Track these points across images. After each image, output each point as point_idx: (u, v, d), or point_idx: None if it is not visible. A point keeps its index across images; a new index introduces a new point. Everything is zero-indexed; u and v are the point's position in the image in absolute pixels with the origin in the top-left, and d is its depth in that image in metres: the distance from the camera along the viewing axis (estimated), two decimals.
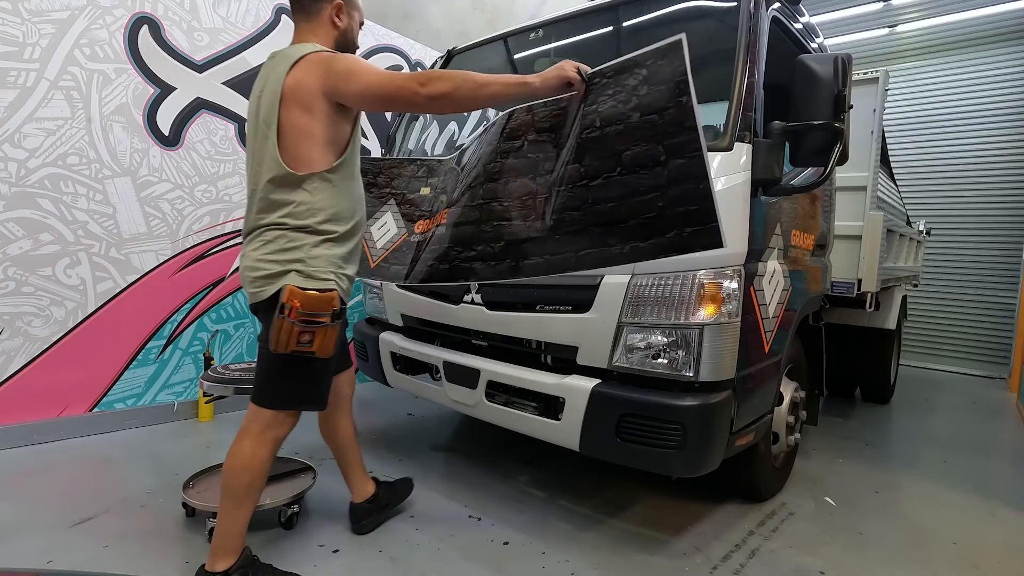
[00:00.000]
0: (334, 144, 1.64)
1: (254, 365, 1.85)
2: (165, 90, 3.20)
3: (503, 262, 1.81)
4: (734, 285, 1.89)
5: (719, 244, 1.45)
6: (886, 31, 6.63)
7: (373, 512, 2.17)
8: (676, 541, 2.19)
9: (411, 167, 2.44)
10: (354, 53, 1.81)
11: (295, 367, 1.63)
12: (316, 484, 2.32)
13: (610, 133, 1.59)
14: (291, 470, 2.41)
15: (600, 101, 1.63)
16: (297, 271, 1.60)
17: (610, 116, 1.60)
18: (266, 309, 1.62)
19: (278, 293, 1.57)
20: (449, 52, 3.18)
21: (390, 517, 2.24)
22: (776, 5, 2.28)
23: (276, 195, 1.61)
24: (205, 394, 3.19)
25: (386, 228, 2.38)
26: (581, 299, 2.04)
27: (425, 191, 2.32)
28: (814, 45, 2.76)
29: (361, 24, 1.94)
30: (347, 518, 2.19)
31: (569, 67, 1.65)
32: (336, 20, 1.75)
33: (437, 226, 2.07)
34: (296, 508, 2.16)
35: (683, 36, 1.48)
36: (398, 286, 2.75)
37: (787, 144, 2.09)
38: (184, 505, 2.16)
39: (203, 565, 1.67)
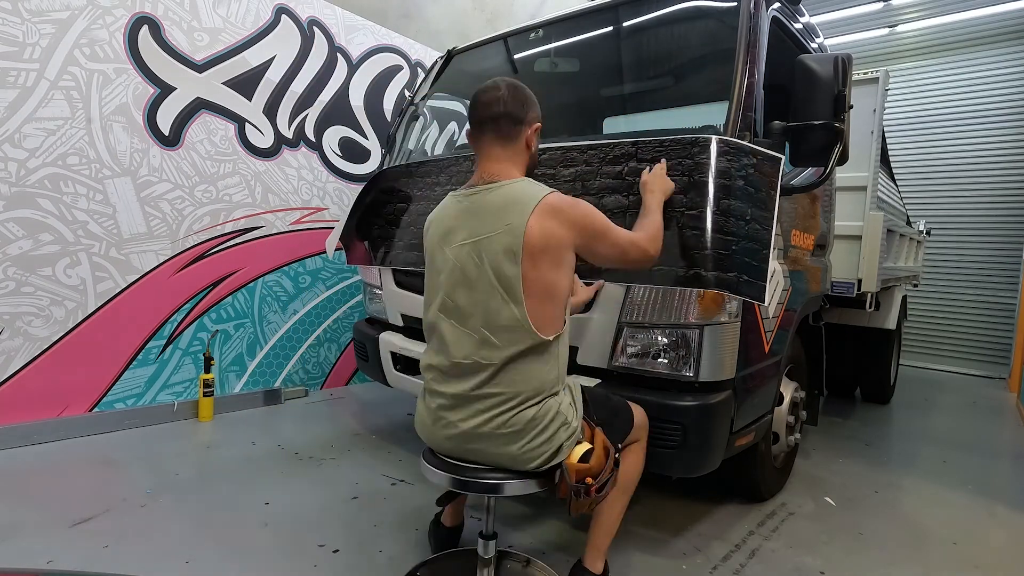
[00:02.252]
0: (567, 297, 1.50)
1: None
2: (165, 90, 3.20)
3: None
4: None
5: (761, 300, 1.69)
6: (886, 31, 6.63)
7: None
8: (676, 541, 2.19)
9: (467, 163, 2.46)
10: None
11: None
12: (316, 484, 2.26)
13: (717, 184, 1.82)
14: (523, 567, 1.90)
15: (711, 163, 1.83)
16: (567, 440, 1.46)
17: (720, 171, 1.82)
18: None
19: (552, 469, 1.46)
20: (449, 52, 3.18)
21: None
22: (776, 5, 2.28)
23: (521, 367, 1.41)
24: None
25: None
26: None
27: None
28: (814, 45, 2.75)
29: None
30: (347, 518, 2.19)
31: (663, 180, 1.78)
32: (531, 143, 1.57)
33: None
34: None
35: (784, 158, 1.87)
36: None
37: (787, 144, 2.09)
38: None
39: (580, 559, 1.73)
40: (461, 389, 1.45)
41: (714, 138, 1.86)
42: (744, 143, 1.86)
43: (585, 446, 1.48)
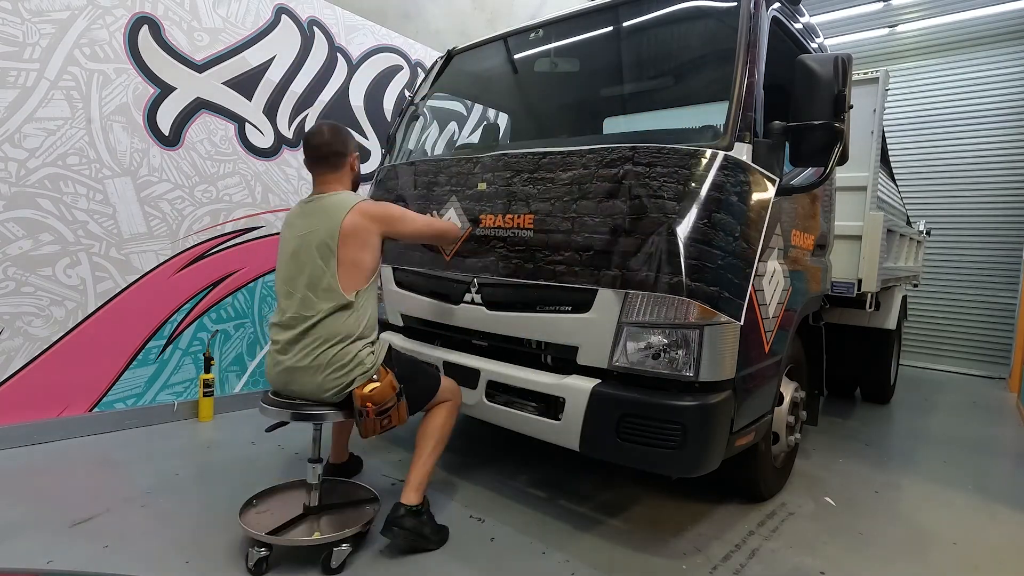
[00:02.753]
0: (373, 271, 2.04)
1: None
2: (165, 90, 3.20)
3: (586, 269, 1.99)
4: None
5: (738, 318, 1.79)
6: (886, 31, 6.63)
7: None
8: (676, 541, 2.19)
9: (467, 164, 2.49)
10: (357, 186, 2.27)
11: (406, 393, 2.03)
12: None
13: (710, 196, 1.87)
14: (354, 500, 2.23)
15: (707, 176, 1.88)
16: (360, 376, 1.94)
17: (714, 185, 1.86)
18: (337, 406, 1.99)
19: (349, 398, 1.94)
20: (449, 52, 3.18)
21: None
22: (776, 5, 2.28)
23: (331, 318, 1.93)
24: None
25: (451, 223, 2.45)
26: (581, 299, 2.04)
27: (482, 186, 2.38)
28: (814, 45, 2.76)
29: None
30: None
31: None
32: (353, 167, 2.19)
33: (518, 228, 2.22)
34: (347, 548, 1.92)
35: (779, 180, 1.99)
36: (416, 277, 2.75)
37: (787, 144, 2.09)
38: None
39: (399, 500, 2.01)
40: (288, 336, 1.96)
41: (710, 151, 1.87)
42: (741, 159, 1.88)
43: (375, 384, 1.92)
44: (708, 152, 1.88)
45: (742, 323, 1.82)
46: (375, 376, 1.95)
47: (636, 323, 1.93)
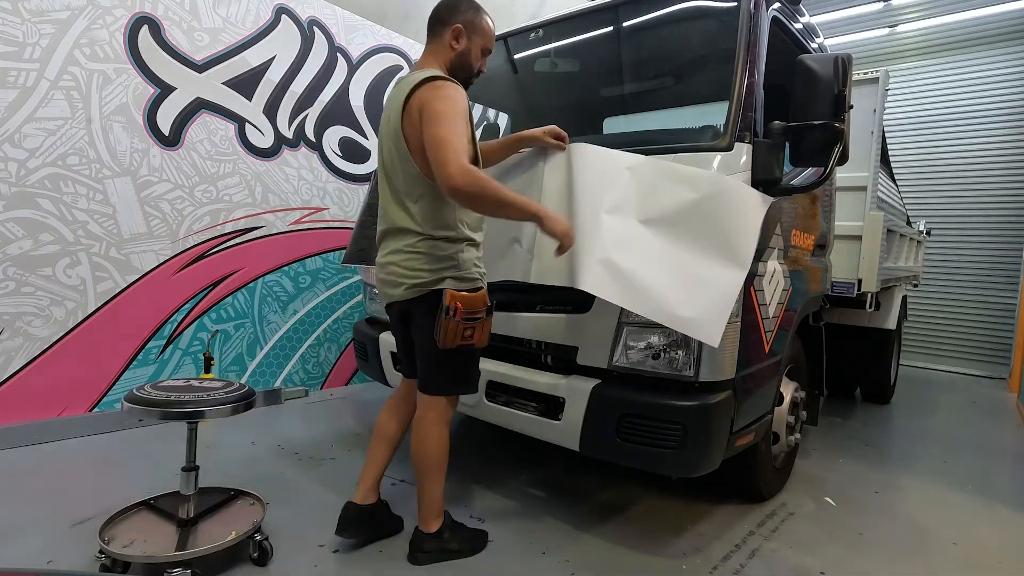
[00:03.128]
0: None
1: (184, 383, 1.90)
2: (165, 90, 3.20)
3: (587, 271, 1.83)
4: None
5: (714, 343, 1.71)
6: (886, 31, 6.63)
7: (363, 524, 2.04)
8: (676, 541, 2.19)
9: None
10: (471, 77, 1.95)
11: (458, 358, 1.84)
12: (316, 484, 2.25)
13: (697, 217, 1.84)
14: (225, 500, 2.08)
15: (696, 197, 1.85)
16: (451, 276, 1.77)
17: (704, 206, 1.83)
18: (421, 311, 1.81)
19: (435, 297, 1.75)
20: None
21: (373, 539, 2.06)
22: (776, 5, 2.28)
23: (417, 207, 1.77)
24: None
25: None
26: (581, 299, 2.04)
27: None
28: (814, 45, 2.76)
29: (486, 52, 1.96)
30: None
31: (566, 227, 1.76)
32: (453, 43, 1.87)
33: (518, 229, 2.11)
34: (260, 537, 1.88)
35: (772, 200, 1.95)
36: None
37: (787, 144, 2.09)
38: (107, 559, 1.73)
39: (417, 527, 1.96)
40: (383, 229, 1.89)
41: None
42: (731, 181, 1.86)
43: (468, 294, 1.76)
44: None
45: (715, 346, 1.74)
46: (472, 289, 1.78)
47: (636, 323, 1.93)
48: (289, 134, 3.79)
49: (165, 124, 3.22)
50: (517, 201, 1.70)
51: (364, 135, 4.26)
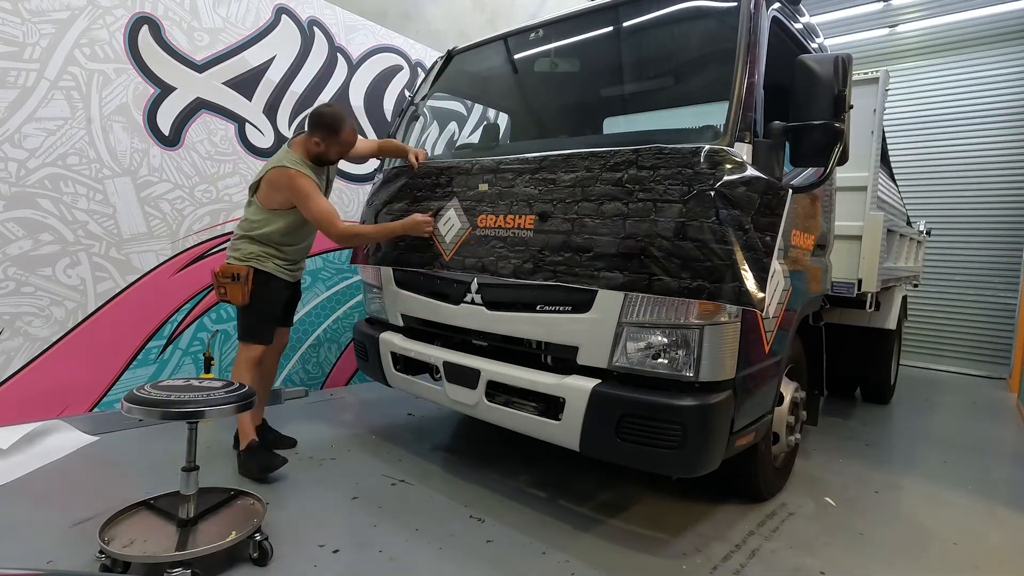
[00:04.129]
0: (282, 205, 2.63)
1: (184, 383, 1.93)
2: (165, 90, 3.20)
3: (586, 271, 1.98)
4: None
5: (761, 308, 1.77)
6: (886, 31, 6.63)
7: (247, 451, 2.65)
8: (676, 541, 2.19)
9: (467, 166, 2.51)
10: (332, 163, 2.78)
11: (245, 313, 2.69)
12: (316, 484, 2.28)
13: (718, 194, 1.84)
14: (226, 499, 2.10)
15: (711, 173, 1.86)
16: (235, 258, 2.67)
17: (719, 181, 1.84)
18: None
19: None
20: (449, 52, 3.18)
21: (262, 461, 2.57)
22: (776, 5, 2.28)
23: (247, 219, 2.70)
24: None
25: (451, 223, 2.49)
26: (581, 299, 2.04)
27: (483, 187, 2.39)
28: (814, 45, 2.75)
29: (343, 153, 2.72)
30: (347, 518, 2.19)
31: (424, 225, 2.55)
32: (309, 147, 2.63)
33: (518, 228, 2.22)
34: (260, 537, 1.89)
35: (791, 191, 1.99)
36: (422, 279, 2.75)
37: (787, 144, 2.09)
38: (107, 559, 1.75)
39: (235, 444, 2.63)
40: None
41: (707, 147, 1.87)
42: (745, 161, 1.87)
43: (233, 267, 2.66)
44: (706, 148, 1.88)
45: (762, 311, 1.84)
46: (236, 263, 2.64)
47: (636, 323, 1.93)
48: (289, 134, 3.79)
49: (165, 124, 3.22)
50: (378, 231, 2.69)
51: (364, 135, 4.26)
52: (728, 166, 1.84)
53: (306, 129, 2.66)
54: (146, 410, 1.71)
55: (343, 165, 4.11)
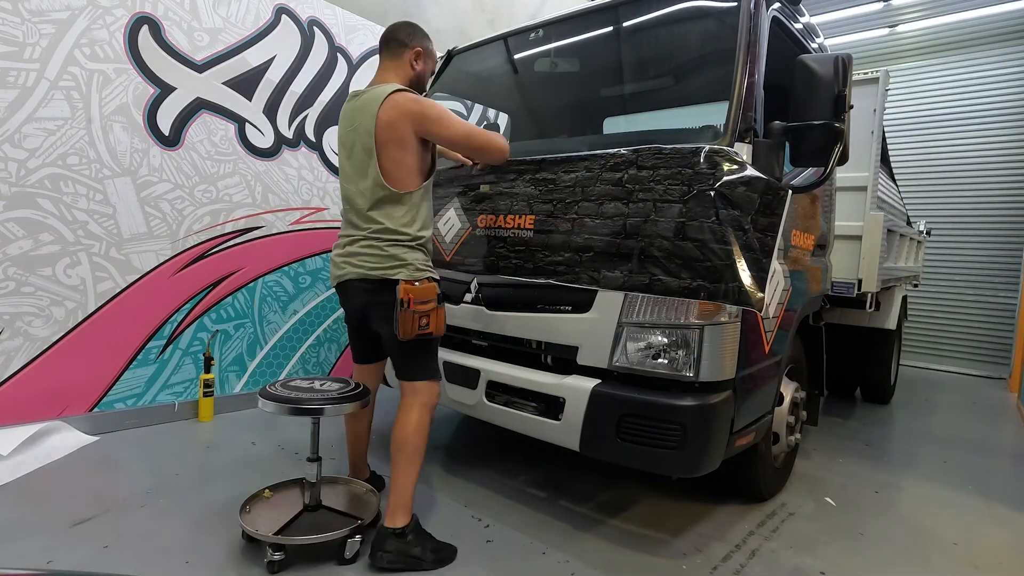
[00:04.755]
0: (422, 172, 2.01)
1: (308, 383, 2.08)
2: (165, 90, 3.20)
3: (586, 271, 2.00)
4: None
5: (759, 308, 1.77)
6: (886, 31, 6.63)
7: None
8: (676, 541, 2.19)
9: (467, 168, 2.51)
10: (423, 92, 2.21)
11: (421, 345, 2.00)
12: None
13: (717, 193, 1.84)
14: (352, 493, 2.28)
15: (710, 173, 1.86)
16: (404, 273, 1.94)
17: (719, 181, 1.83)
18: (380, 307, 1.97)
19: (393, 293, 1.90)
20: (449, 52, 3.18)
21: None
22: (776, 5, 2.28)
23: (379, 211, 1.96)
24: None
25: (451, 223, 2.50)
26: (581, 299, 2.04)
27: (484, 187, 2.40)
28: (814, 45, 2.75)
29: (433, 75, 2.34)
30: None
31: None
32: (414, 64, 2.12)
33: (518, 228, 2.23)
34: (359, 539, 1.96)
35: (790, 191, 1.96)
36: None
37: (787, 144, 2.09)
38: (243, 533, 1.97)
39: (382, 523, 1.95)
40: (348, 235, 2.06)
41: (707, 147, 1.87)
42: (744, 161, 1.87)
43: (418, 285, 1.93)
44: (706, 148, 1.88)
45: (763, 312, 1.84)
46: (417, 281, 1.93)
47: (636, 323, 1.93)
48: (289, 134, 3.79)
49: (165, 124, 3.22)
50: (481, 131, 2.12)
51: None
52: (728, 166, 1.84)
53: (388, 53, 2.11)
54: (279, 406, 1.90)
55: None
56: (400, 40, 2.09)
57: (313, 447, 2.05)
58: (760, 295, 1.76)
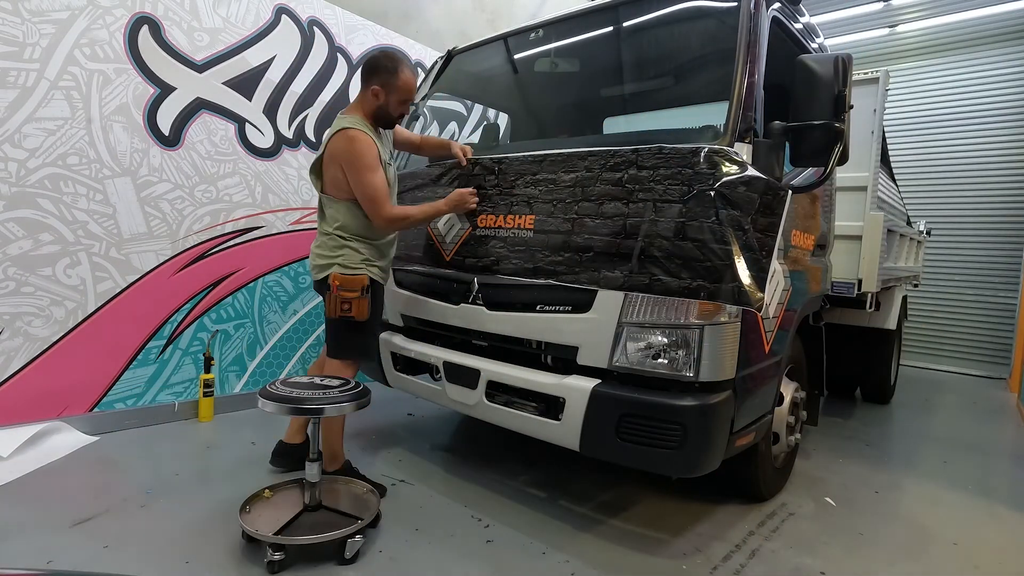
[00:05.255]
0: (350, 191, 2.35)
1: (308, 381, 2.13)
2: (165, 90, 3.20)
3: (586, 271, 2.02)
4: None
5: (759, 309, 1.80)
6: (886, 31, 6.63)
7: (289, 457, 2.60)
8: (676, 541, 2.19)
9: (469, 167, 2.51)
10: (392, 124, 2.51)
11: (344, 328, 2.38)
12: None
13: (717, 194, 1.85)
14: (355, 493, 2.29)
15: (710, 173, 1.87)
16: (339, 266, 2.35)
17: (719, 182, 1.84)
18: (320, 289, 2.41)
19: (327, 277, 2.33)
20: (449, 52, 3.18)
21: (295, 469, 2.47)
22: (776, 5, 2.28)
23: (330, 215, 2.42)
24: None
25: (451, 223, 2.51)
26: (581, 299, 2.04)
27: (484, 187, 2.41)
28: (814, 45, 2.75)
29: (404, 103, 2.45)
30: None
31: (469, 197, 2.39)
32: (375, 97, 2.37)
33: (518, 228, 2.24)
34: (360, 539, 1.96)
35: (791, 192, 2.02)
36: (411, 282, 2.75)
37: (787, 144, 2.09)
38: (243, 533, 1.97)
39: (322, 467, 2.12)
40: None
41: (707, 147, 1.87)
42: (745, 161, 1.88)
43: (349, 278, 2.34)
44: (707, 148, 1.89)
45: (762, 312, 1.84)
46: (350, 273, 2.32)
47: (636, 323, 1.93)
48: (289, 134, 3.79)
49: (165, 124, 3.22)
50: (425, 212, 2.39)
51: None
52: (728, 166, 1.84)
53: (360, 83, 2.40)
54: (278, 406, 1.92)
55: None
56: (364, 75, 2.39)
57: (313, 447, 2.05)
58: (760, 295, 1.76)
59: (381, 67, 2.35)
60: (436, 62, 3.23)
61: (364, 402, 2.04)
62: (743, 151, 1.92)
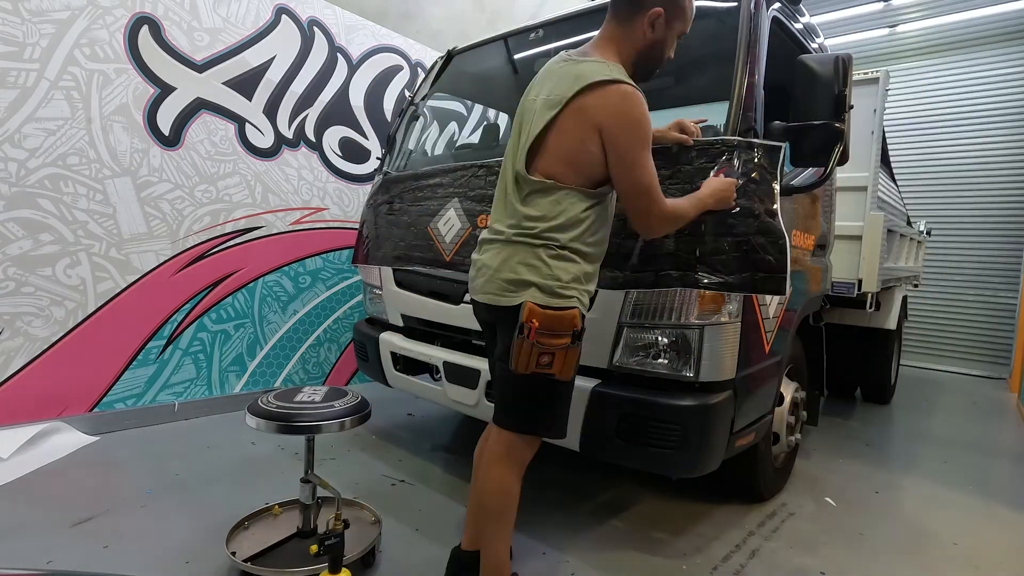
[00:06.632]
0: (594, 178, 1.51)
1: (300, 394, 1.89)
2: (165, 90, 3.20)
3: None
4: None
5: (782, 292, 1.72)
6: (886, 31, 6.63)
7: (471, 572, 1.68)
8: (676, 541, 2.19)
9: (472, 168, 2.50)
10: (649, 77, 1.69)
11: (535, 389, 1.50)
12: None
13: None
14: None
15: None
16: (539, 292, 1.45)
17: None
18: (504, 322, 1.52)
19: (517, 310, 1.44)
20: (449, 52, 3.18)
21: None
22: (776, 5, 2.28)
23: (532, 208, 1.49)
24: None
25: (451, 223, 2.48)
26: None
27: (484, 188, 2.39)
28: (814, 45, 2.75)
29: (681, 35, 1.67)
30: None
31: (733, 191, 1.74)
32: (648, 31, 1.56)
33: None
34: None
35: (784, 146, 1.89)
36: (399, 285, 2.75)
37: (787, 144, 2.08)
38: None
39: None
40: (487, 235, 1.63)
41: (712, 141, 1.87)
42: (742, 139, 1.87)
43: (557, 312, 1.44)
44: (711, 142, 1.88)
45: (785, 295, 1.74)
46: (561, 306, 1.45)
47: (636, 323, 1.93)
48: (289, 134, 3.79)
49: (165, 124, 3.22)
50: (696, 207, 1.64)
51: (364, 135, 4.26)
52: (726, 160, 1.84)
53: (614, 16, 1.57)
54: (267, 423, 1.72)
55: (343, 164, 4.13)
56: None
57: (307, 466, 1.90)
58: (783, 275, 1.69)
59: None
60: (436, 62, 3.23)
61: (364, 416, 1.89)
62: None
